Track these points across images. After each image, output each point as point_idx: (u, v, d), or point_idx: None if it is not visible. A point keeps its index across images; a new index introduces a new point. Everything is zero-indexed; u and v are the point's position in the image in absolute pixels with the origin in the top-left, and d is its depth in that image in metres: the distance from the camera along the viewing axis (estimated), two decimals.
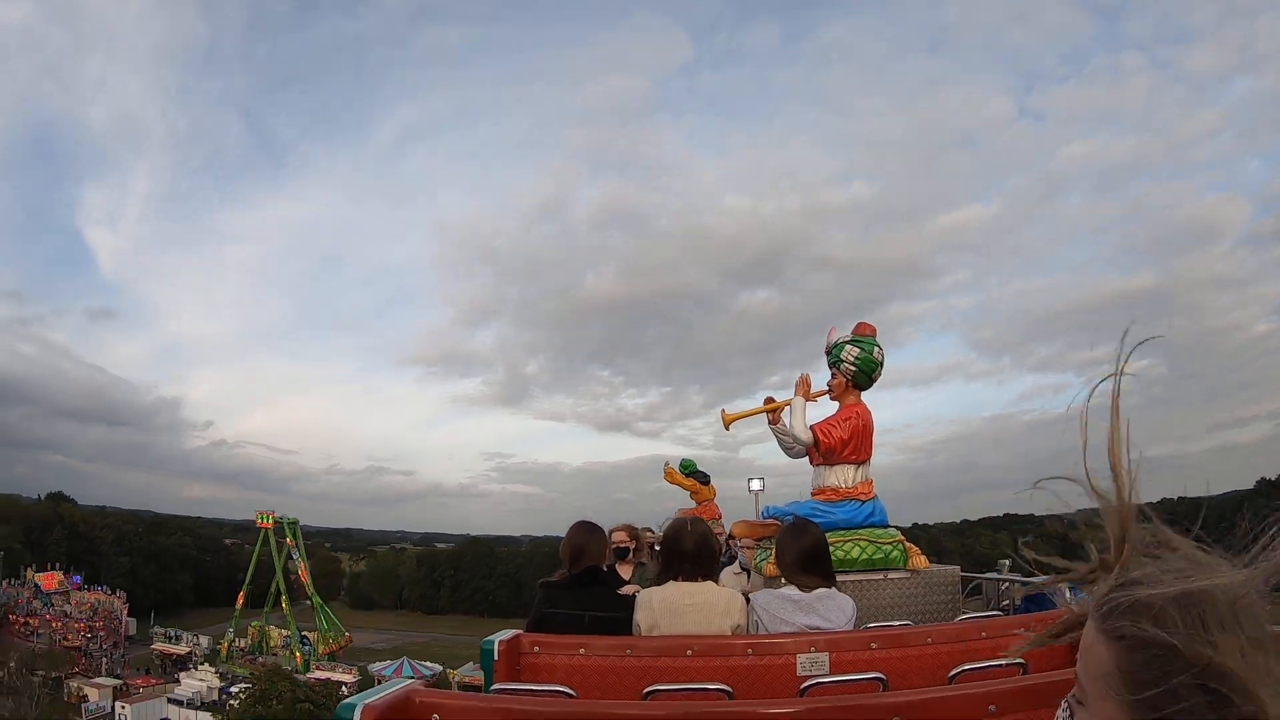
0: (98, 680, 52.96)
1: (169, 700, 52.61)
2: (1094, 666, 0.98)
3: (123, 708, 50.37)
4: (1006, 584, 6.32)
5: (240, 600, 67.69)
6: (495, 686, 2.97)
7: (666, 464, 10.10)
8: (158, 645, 67.77)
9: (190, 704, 52.42)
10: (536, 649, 3.43)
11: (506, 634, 3.43)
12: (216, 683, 56.36)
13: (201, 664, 62.97)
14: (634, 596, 3.89)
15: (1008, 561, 6.60)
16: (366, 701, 2.04)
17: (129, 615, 67.55)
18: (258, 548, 69.33)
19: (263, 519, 68.79)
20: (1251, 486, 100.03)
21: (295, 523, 68.98)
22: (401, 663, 57.11)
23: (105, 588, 67.28)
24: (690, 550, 3.74)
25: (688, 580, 3.72)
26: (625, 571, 5.22)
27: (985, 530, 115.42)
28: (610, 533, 5.46)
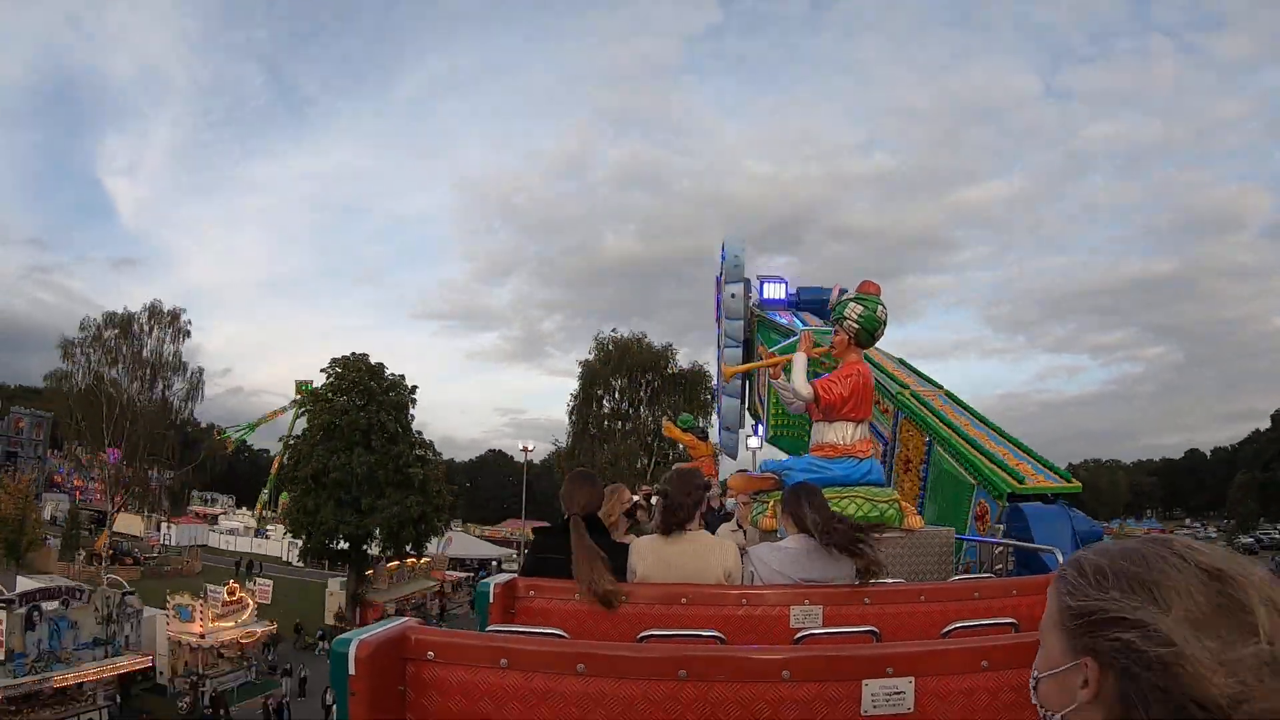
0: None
1: (210, 530, 61.63)
2: (1046, 614, 1.08)
3: (167, 527, 57.48)
4: (1000, 547, 6.37)
5: (275, 466, 66.46)
6: (490, 627, 2.99)
7: (665, 419, 10.15)
8: (194, 507, 70.83)
9: (230, 533, 61.38)
10: (531, 593, 3.45)
11: (502, 578, 3.44)
12: (253, 523, 64.12)
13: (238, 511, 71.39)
14: (627, 545, 3.89)
15: (1001, 526, 6.64)
16: (362, 638, 2.05)
17: None
18: (291, 424, 67.36)
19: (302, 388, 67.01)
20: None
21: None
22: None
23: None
24: (686, 501, 3.72)
25: (681, 529, 3.72)
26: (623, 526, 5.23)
27: None
28: (614, 494, 5.46)
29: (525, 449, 50.30)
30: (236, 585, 33.20)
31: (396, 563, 44.88)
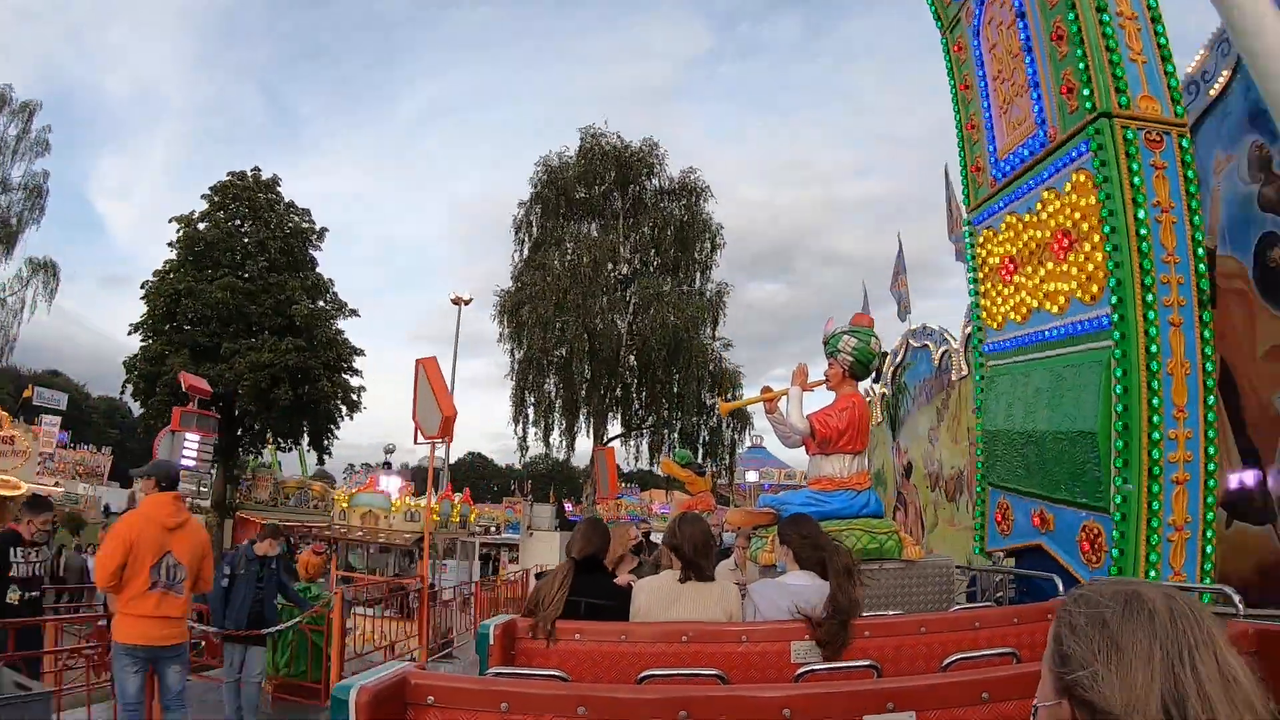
0: None
1: None
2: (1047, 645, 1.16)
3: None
4: (1000, 575, 6.35)
5: None
6: (491, 670, 2.99)
7: (663, 455, 10.15)
8: None
9: None
10: (532, 633, 3.45)
11: (502, 619, 3.44)
12: None
13: None
14: (630, 586, 3.94)
15: (1002, 553, 6.63)
16: (363, 683, 2.05)
17: None
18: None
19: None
20: None
21: None
22: None
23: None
24: (689, 554, 3.76)
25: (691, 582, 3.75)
26: (628, 564, 5.25)
27: None
28: (620, 534, 5.55)
29: (459, 300, 32.29)
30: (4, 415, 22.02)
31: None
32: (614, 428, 32.71)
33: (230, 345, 27.94)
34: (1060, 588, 4.79)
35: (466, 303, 32.04)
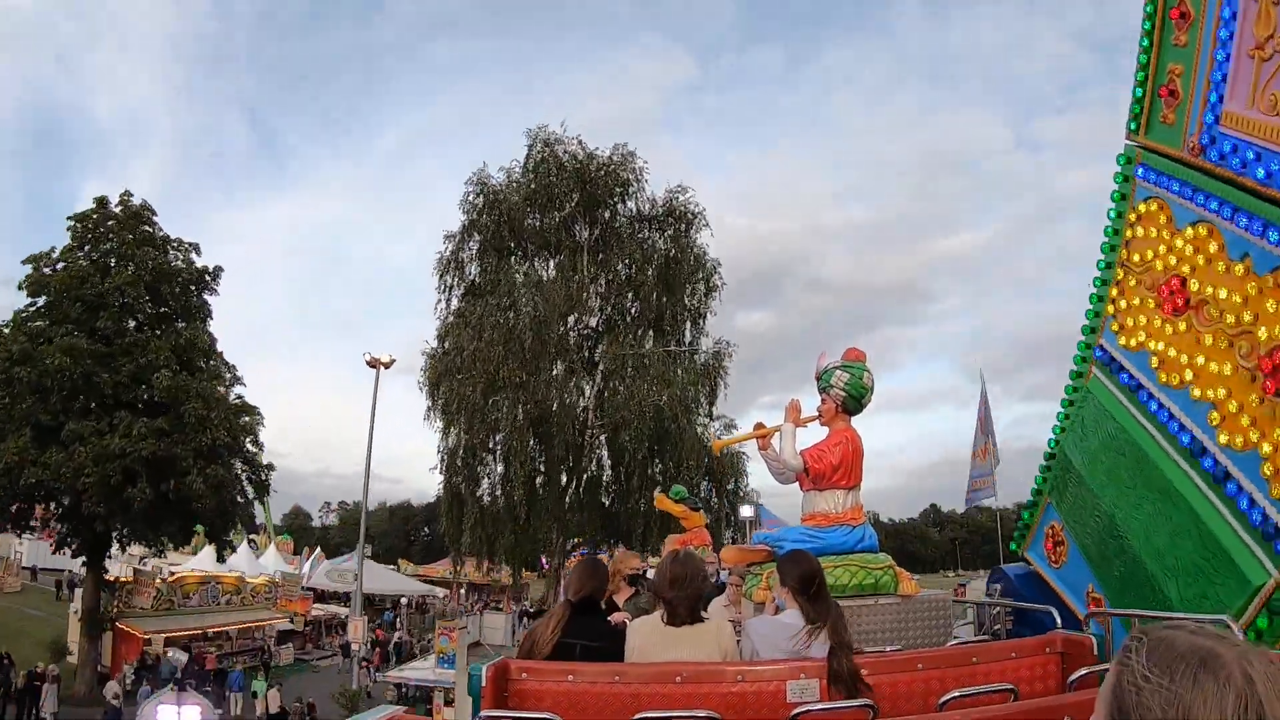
0: None
1: None
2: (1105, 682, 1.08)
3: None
4: (998, 608, 6.31)
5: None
6: (483, 714, 2.94)
7: (657, 490, 10.10)
8: None
9: None
10: (524, 675, 3.40)
11: (494, 660, 3.40)
12: None
13: None
14: (625, 626, 3.90)
15: (999, 586, 6.60)
16: None
17: None
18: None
19: None
20: None
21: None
22: None
23: None
24: (684, 595, 3.68)
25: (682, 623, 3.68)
26: (622, 598, 5.20)
27: None
28: (622, 559, 5.54)
29: (378, 363, 25.35)
30: None
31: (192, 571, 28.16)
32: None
33: (75, 426, 20.98)
34: (1059, 621, 4.76)
35: (386, 366, 25.33)
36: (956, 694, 3.02)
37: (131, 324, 23.06)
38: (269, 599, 32.03)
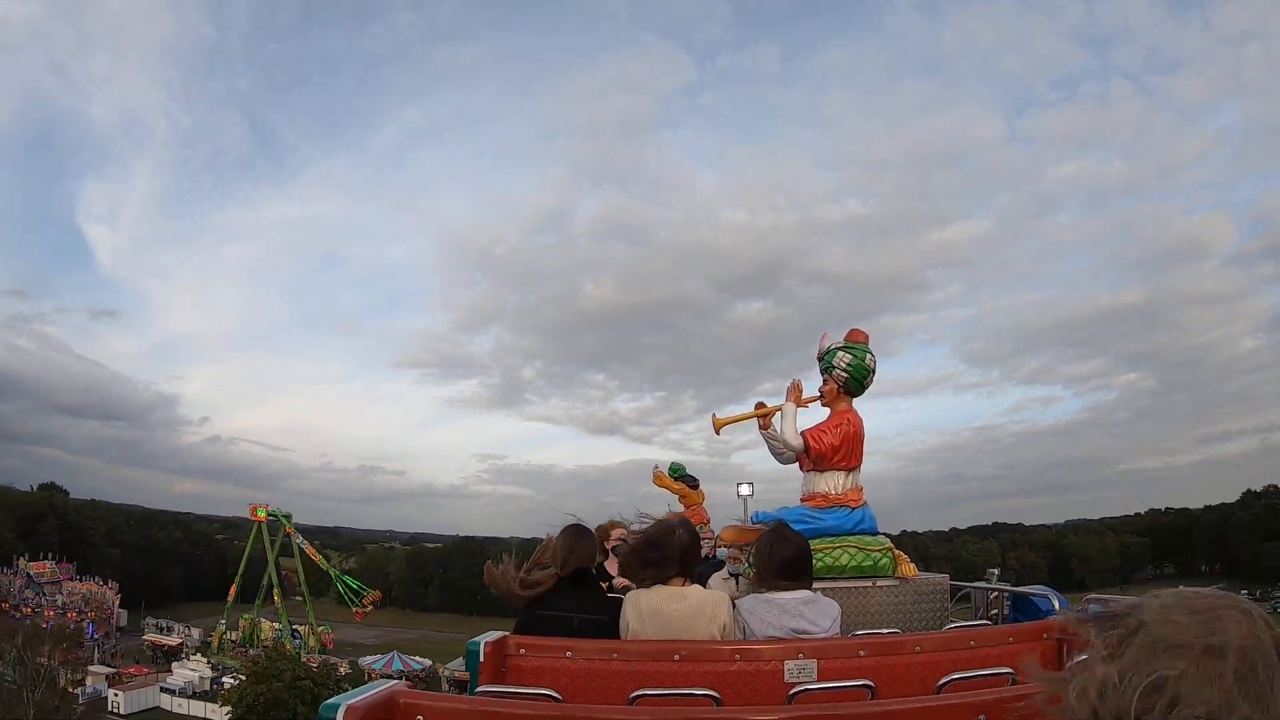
0: (92, 668, 52.71)
1: (161, 689, 53.07)
2: None
3: (115, 694, 50.28)
4: (995, 593, 6.32)
5: (232, 593, 67.49)
6: (480, 689, 2.95)
7: (656, 467, 10.09)
8: (149, 636, 67.44)
9: (182, 693, 52.91)
10: (523, 651, 3.41)
11: (492, 636, 3.40)
12: (209, 672, 56.69)
13: (193, 654, 62.84)
14: (621, 598, 3.88)
15: (997, 570, 6.61)
16: (350, 702, 2.02)
17: (120, 607, 67.48)
18: (251, 540, 69.28)
19: (258, 512, 68.53)
20: (1237, 499, 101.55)
21: (289, 516, 68.82)
22: (392, 656, 56.97)
23: (97, 578, 66.98)
24: (676, 554, 3.71)
25: (674, 583, 3.70)
26: (614, 568, 5.20)
27: (973, 538, 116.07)
28: (608, 529, 5.49)
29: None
30: None
31: None
32: None
33: None
34: (1056, 605, 4.76)
35: None
36: (955, 676, 3.03)
37: None
38: None
